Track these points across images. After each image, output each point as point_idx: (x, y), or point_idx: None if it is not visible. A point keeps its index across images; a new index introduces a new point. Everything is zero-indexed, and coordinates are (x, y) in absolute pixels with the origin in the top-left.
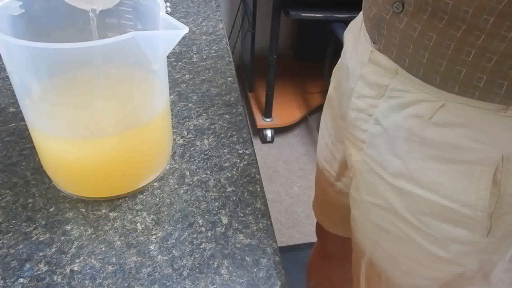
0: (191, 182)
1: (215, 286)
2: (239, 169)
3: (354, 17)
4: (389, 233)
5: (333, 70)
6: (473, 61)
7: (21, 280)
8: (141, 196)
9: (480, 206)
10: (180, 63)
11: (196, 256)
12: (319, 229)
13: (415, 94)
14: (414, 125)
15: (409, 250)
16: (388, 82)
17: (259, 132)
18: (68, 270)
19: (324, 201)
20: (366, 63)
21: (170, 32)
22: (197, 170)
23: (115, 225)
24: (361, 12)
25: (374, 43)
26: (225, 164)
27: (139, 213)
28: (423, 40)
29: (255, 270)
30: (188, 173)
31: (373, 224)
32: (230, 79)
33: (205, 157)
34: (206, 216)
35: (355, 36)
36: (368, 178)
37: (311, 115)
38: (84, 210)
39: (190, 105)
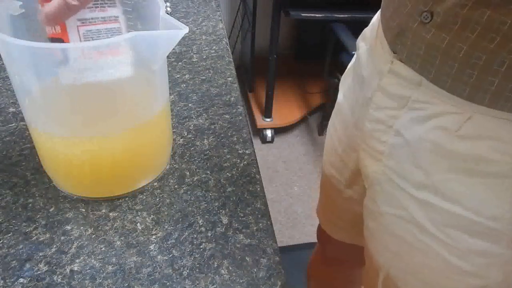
0: (191, 182)
1: (215, 286)
2: (239, 169)
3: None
4: (411, 244)
5: (342, 77)
6: (507, 71)
7: (21, 280)
8: (141, 196)
9: (508, 218)
10: (180, 63)
11: (196, 256)
12: (321, 233)
13: (440, 106)
14: (439, 138)
15: (431, 262)
16: (410, 94)
17: (259, 132)
18: (68, 270)
19: (330, 208)
20: (385, 73)
21: (170, 32)
22: (197, 170)
23: (115, 225)
24: (375, 18)
25: (394, 53)
26: (225, 164)
27: (139, 213)
28: (452, 51)
29: (255, 270)
30: (188, 173)
31: (393, 236)
32: (230, 79)
33: (205, 157)
34: (206, 216)
35: (370, 44)
36: (388, 190)
37: (311, 115)
38: (84, 210)
39: (190, 105)
